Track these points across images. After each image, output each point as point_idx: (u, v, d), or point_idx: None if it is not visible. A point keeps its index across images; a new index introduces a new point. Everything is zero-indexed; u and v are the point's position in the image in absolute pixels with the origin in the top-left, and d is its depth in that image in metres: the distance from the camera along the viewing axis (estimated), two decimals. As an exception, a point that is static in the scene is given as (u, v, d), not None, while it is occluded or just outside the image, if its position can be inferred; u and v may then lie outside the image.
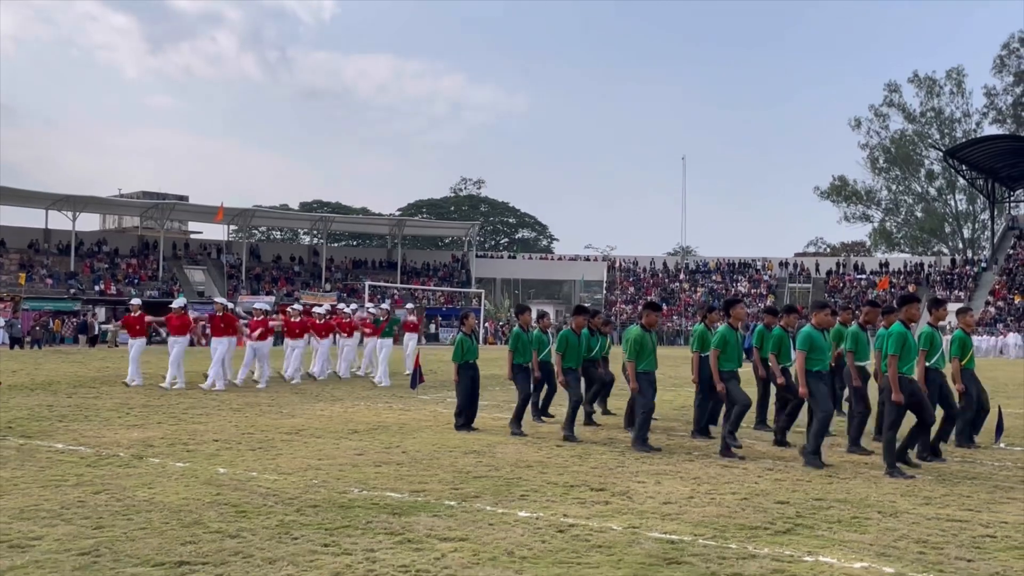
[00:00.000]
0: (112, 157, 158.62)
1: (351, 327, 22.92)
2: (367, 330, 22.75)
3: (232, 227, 69.49)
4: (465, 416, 12.66)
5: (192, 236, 73.85)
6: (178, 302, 20.53)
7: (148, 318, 20.34)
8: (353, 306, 26.64)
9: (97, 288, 55.35)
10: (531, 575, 5.52)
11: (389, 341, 21.41)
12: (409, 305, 27.63)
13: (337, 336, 23.05)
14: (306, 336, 21.66)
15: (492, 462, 9.90)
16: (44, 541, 6.16)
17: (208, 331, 19.61)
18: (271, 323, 20.95)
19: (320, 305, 24.82)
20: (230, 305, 20.82)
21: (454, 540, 6.36)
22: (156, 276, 62.38)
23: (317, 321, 21.91)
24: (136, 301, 20.94)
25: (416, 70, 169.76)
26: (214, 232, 72.68)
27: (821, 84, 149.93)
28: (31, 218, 63.50)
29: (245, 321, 20.59)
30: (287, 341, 21.38)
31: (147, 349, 20.34)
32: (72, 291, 54.52)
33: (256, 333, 19.56)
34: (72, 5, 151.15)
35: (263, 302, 29.13)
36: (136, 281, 59.94)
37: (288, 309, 22.73)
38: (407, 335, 24.86)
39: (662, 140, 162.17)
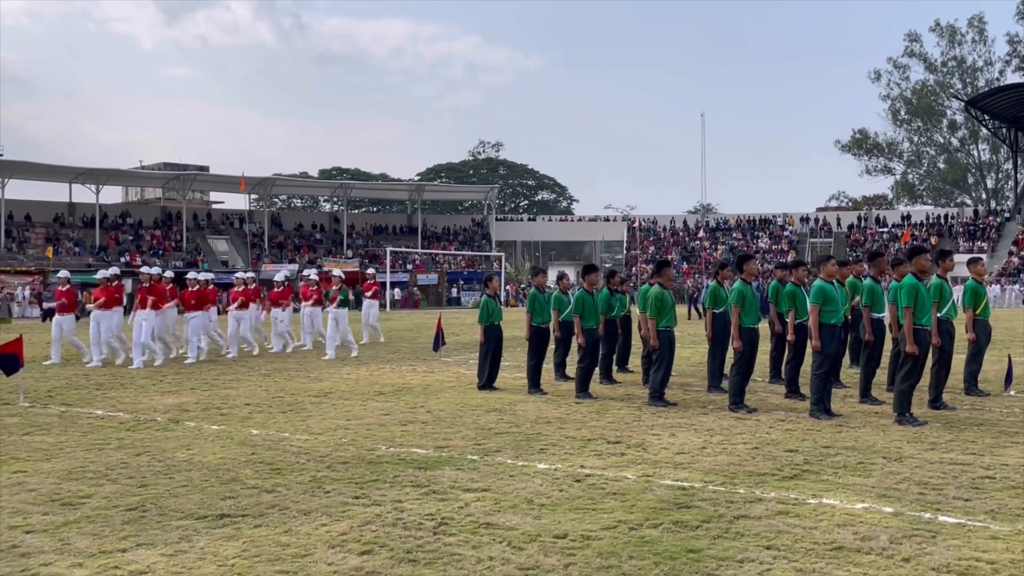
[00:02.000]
0: (132, 129, 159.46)
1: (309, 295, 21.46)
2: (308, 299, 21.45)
3: (253, 196, 69.70)
4: (487, 375, 12.94)
5: (214, 206, 74.24)
6: (111, 271, 18.50)
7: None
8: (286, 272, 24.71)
9: (123, 260, 55.98)
10: (549, 519, 5.82)
11: (344, 311, 19.37)
12: (370, 270, 25.86)
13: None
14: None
15: (513, 419, 10.14)
16: (93, 499, 6.51)
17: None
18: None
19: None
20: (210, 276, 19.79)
21: (477, 491, 6.65)
22: (180, 247, 63.01)
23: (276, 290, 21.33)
24: (164, 272, 19.39)
25: (431, 33, 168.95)
26: (236, 202, 73.14)
27: (840, 36, 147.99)
28: (55, 192, 64.17)
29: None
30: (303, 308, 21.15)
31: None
32: (94, 262, 55.21)
33: (236, 304, 19.38)
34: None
35: (281, 271, 28.79)
36: (160, 252, 60.54)
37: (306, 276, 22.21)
38: (366, 302, 23.93)
39: (681, 97, 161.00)
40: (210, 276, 21.05)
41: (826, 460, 7.66)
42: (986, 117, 66.90)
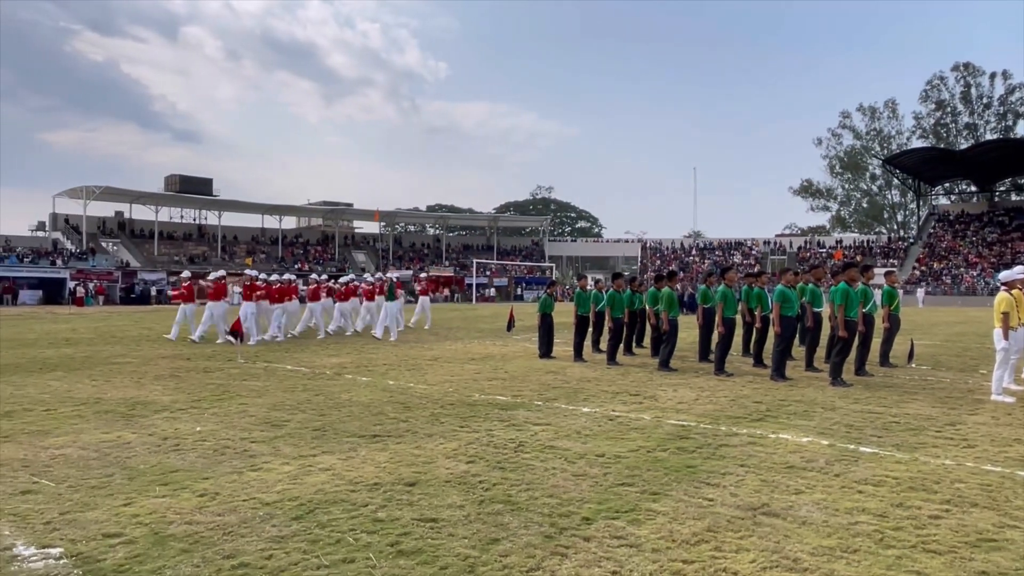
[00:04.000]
0: (302, 177, 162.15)
1: (368, 293, 19.50)
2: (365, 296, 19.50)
3: (383, 223, 70.51)
4: (545, 348, 13.04)
5: (356, 230, 75.21)
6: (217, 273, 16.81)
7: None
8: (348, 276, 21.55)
9: (296, 267, 57.15)
10: (592, 444, 5.94)
11: (393, 304, 17.61)
12: (423, 274, 23.28)
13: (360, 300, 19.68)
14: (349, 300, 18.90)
15: (564, 378, 10.19)
16: (291, 423, 6.80)
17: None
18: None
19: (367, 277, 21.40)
20: (255, 274, 17.08)
21: (542, 424, 6.77)
22: (333, 258, 64.13)
23: (363, 287, 19.38)
24: (185, 273, 17.69)
25: (503, 111, 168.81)
26: (371, 227, 73.81)
27: (792, 111, 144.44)
28: (253, 220, 65.53)
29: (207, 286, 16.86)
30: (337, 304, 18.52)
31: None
32: (277, 270, 56.46)
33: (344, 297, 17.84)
34: (272, 76, 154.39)
35: (348, 274, 27.50)
36: (320, 262, 61.66)
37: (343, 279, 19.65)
38: (421, 298, 21.57)
39: (679, 155, 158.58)
40: (351, 277, 20.35)
41: (782, 409, 7.65)
42: (897, 171, 64.61)
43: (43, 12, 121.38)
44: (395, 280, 18.42)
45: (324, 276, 19.35)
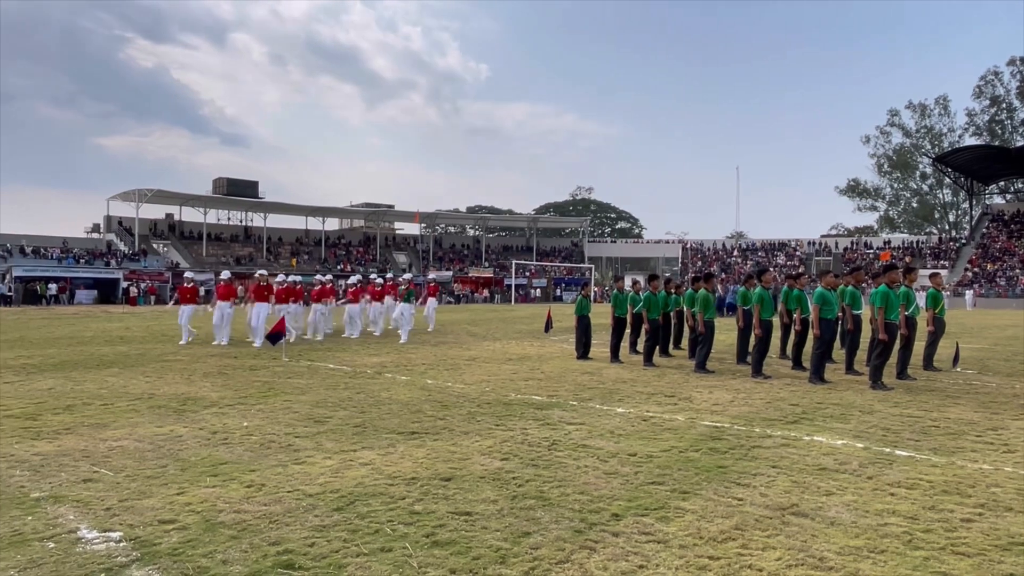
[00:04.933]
0: (344, 179, 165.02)
1: (378, 293, 19.09)
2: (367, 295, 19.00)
3: (423, 224, 71.19)
4: (582, 349, 13.08)
5: (397, 232, 76.07)
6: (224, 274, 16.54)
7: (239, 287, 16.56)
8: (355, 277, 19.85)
9: (338, 267, 58.11)
10: (624, 444, 6.02)
11: (409, 306, 17.24)
12: (432, 276, 21.42)
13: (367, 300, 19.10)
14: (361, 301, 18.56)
15: (600, 379, 10.24)
16: (333, 419, 7.04)
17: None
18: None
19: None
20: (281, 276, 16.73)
21: (576, 424, 6.87)
22: (375, 259, 65.01)
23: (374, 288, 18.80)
24: (225, 274, 16.40)
25: (543, 112, 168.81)
26: (412, 228, 74.60)
27: (839, 109, 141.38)
28: (296, 222, 66.86)
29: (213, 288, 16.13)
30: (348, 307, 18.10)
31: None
32: (322, 270, 57.49)
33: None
34: (316, 80, 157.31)
35: (354, 276, 25.81)
36: (362, 263, 62.60)
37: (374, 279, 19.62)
38: (430, 299, 20.88)
39: (721, 154, 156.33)
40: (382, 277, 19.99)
41: (818, 412, 7.60)
42: (949, 169, 62.67)
43: (99, 21, 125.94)
44: (410, 281, 18.16)
45: (328, 277, 18.73)
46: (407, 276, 18.78)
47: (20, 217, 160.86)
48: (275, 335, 12.16)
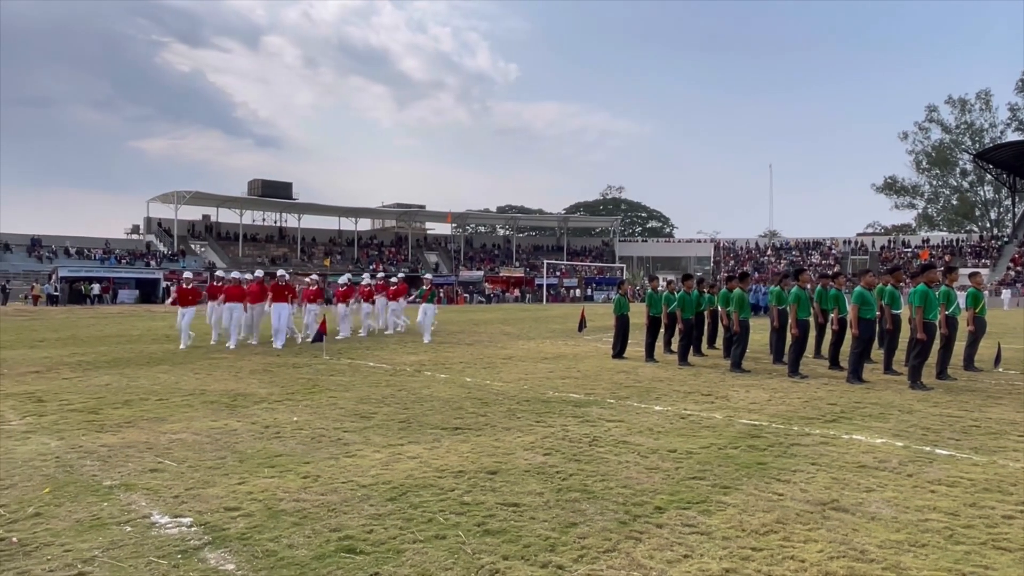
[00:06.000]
0: (376, 180, 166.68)
1: (368, 293, 18.97)
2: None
3: (454, 224, 71.58)
4: (619, 348, 13.16)
5: (428, 232, 76.61)
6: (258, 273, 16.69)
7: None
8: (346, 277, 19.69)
9: (371, 267, 58.77)
10: (664, 441, 6.14)
11: (432, 306, 17.09)
12: (427, 276, 19.04)
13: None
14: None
15: (636, 378, 10.34)
16: (378, 415, 7.27)
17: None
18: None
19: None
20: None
21: (615, 421, 7.00)
22: (407, 259, 65.62)
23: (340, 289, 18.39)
24: (187, 274, 16.51)
25: (573, 111, 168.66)
26: (443, 228, 75.08)
27: (876, 105, 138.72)
28: (329, 223, 67.79)
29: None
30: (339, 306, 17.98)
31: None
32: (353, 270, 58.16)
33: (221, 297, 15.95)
34: (347, 81, 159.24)
35: (344, 275, 24.78)
36: (394, 263, 63.21)
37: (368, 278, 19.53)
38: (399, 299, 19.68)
39: (753, 152, 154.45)
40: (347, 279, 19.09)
41: (857, 411, 7.61)
42: (990, 166, 61.15)
43: (137, 26, 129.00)
44: (431, 281, 17.83)
45: (315, 277, 18.35)
46: (428, 276, 18.80)
47: (63, 219, 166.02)
48: (319, 335, 12.51)
